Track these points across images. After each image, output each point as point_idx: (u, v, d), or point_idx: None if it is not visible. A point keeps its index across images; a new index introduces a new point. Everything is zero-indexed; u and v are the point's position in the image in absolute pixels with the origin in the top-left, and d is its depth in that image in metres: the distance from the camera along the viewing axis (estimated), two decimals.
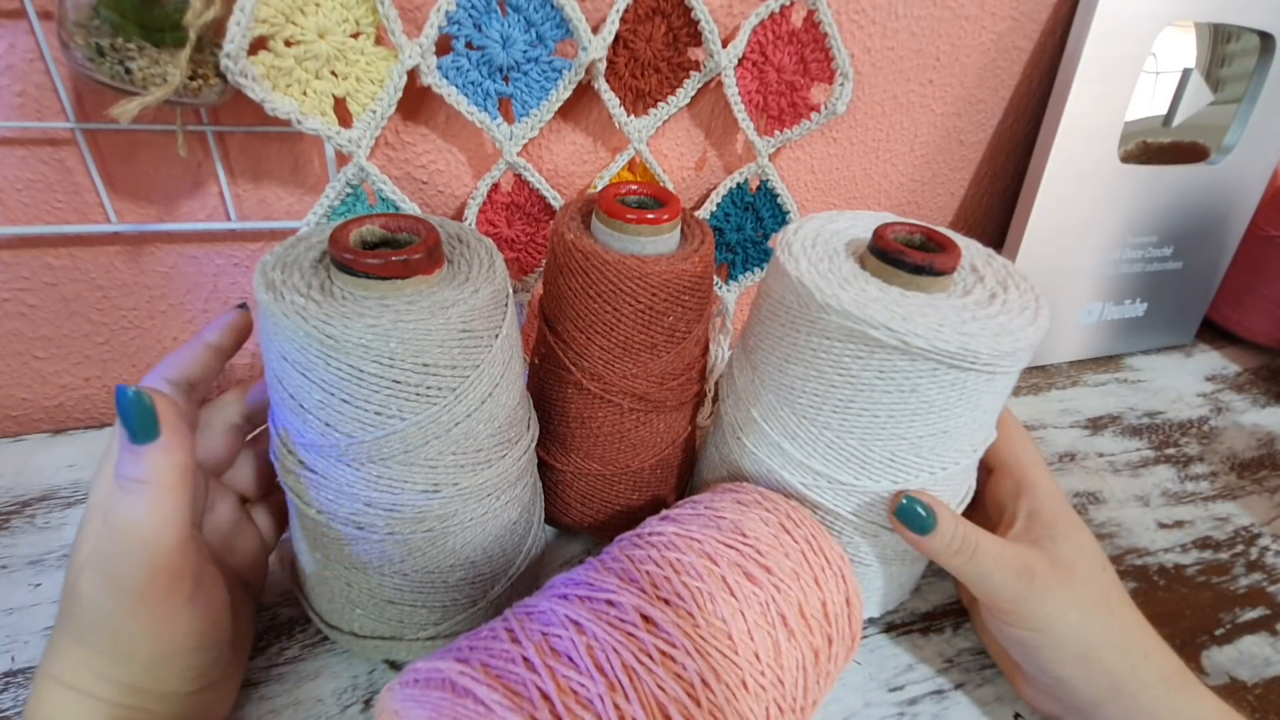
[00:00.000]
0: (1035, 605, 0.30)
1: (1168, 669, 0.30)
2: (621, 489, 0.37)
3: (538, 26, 0.38)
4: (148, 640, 0.25)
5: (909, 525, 0.30)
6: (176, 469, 0.24)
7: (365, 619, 0.31)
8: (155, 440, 0.24)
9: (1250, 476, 0.51)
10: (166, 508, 0.24)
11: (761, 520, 0.27)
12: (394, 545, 0.28)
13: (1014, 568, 0.30)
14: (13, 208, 0.38)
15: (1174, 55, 0.54)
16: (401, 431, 0.26)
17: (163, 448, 0.24)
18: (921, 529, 0.30)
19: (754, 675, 0.23)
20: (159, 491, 0.24)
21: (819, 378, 0.29)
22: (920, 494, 0.31)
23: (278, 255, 0.27)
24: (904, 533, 0.31)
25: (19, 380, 0.43)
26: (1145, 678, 0.29)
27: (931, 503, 0.30)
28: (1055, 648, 0.30)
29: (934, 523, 0.30)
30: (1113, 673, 0.29)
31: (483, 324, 0.27)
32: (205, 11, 0.30)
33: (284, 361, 0.25)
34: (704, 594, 0.24)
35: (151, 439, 0.24)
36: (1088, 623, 0.30)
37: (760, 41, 0.43)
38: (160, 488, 0.24)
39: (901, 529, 0.31)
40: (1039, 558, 0.31)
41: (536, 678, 0.21)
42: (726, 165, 0.49)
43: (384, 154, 0.42)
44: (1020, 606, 0.30)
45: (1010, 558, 0.30)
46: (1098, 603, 0.30)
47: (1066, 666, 0.30)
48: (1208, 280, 0.65)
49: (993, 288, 0.31)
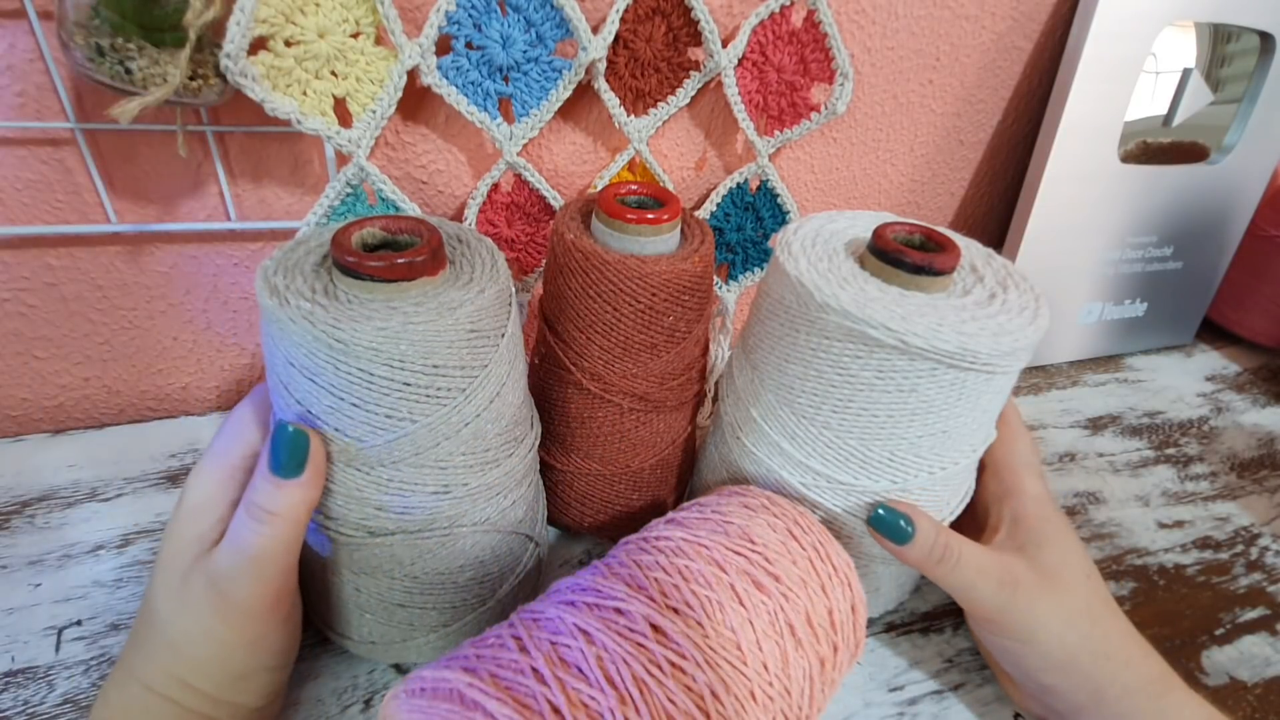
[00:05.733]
0: (1018, 615, 0.30)
1: (1150, 676, 0.30)
2: (621, 489, 0.37)
3: (538, 26, 0.38)
4: (243, 655, 0.26)
5: (886, 535, 0.30)
6: (307, 504, 0.25)
7: (374, 623, 0.30)
8: (299, 477, 0.25)
9: (1250, 476, 0.51)
10: (291, 538, 0.25)
11: (769, 526, 0.27)
12: (404, 548, 0.28)
13: (997, 578, 0.30)
14: (13, 208, 0.38)
15: (1174, 55, 0.54)
16: (412, 434, 0.26)
17: (303, 484, 0.25)
18: (899, 539, 0.30)
19: (762, 686, 0.23)
20: (289, 525, 0.25)
21: (818, 377, 0.29)
22: (898, 503, 0.30)
23: (278, 260, 0.27)
24: (882, 542, 0.30)
25: (19, 380, 0.43)
26: (1127, 686, 0.29)
27: (910, 511, 0.30)
28: (1038, 656, 0.30)
29: (913, 532, 0.29)
30: (1094, 681, 0.29)
31: (489, 324, 0.27)
32: (205, 11, 0.30)
33: (291, 367, 0.25)
34: (713, 603, 0.23)
35: (297, 476, 0.25)
36: (1069, 633, 0.30)
37: (760, 41, 0.43)
38: (291, 522, 0.25)
39: (879, 538, 0.30)
40: (1023, 567, 0.31)
41: (546, 690, 0.20)
42: (726, 165, 0.49)
43: (384, 154, 0.42)
44: (1003, 616, 0.30)
45: (993, 567, 0.30)
46: (1080, 612, 0.30)
47: (1049, 675, 0.30)
48: (1208, 280, 0.65)
49: (992, 288, 0.31)
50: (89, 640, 0.33)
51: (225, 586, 0.25)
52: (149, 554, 0.37)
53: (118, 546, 0.37)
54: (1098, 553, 0.44)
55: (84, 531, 0.38)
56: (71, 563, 0.36)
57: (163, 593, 0.26)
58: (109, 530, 0.38)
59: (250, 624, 0.26)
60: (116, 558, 0.37)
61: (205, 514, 0.26)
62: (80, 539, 0.37)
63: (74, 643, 0.33)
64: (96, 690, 0.31)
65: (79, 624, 0.33)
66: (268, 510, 0.25)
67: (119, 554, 0.37)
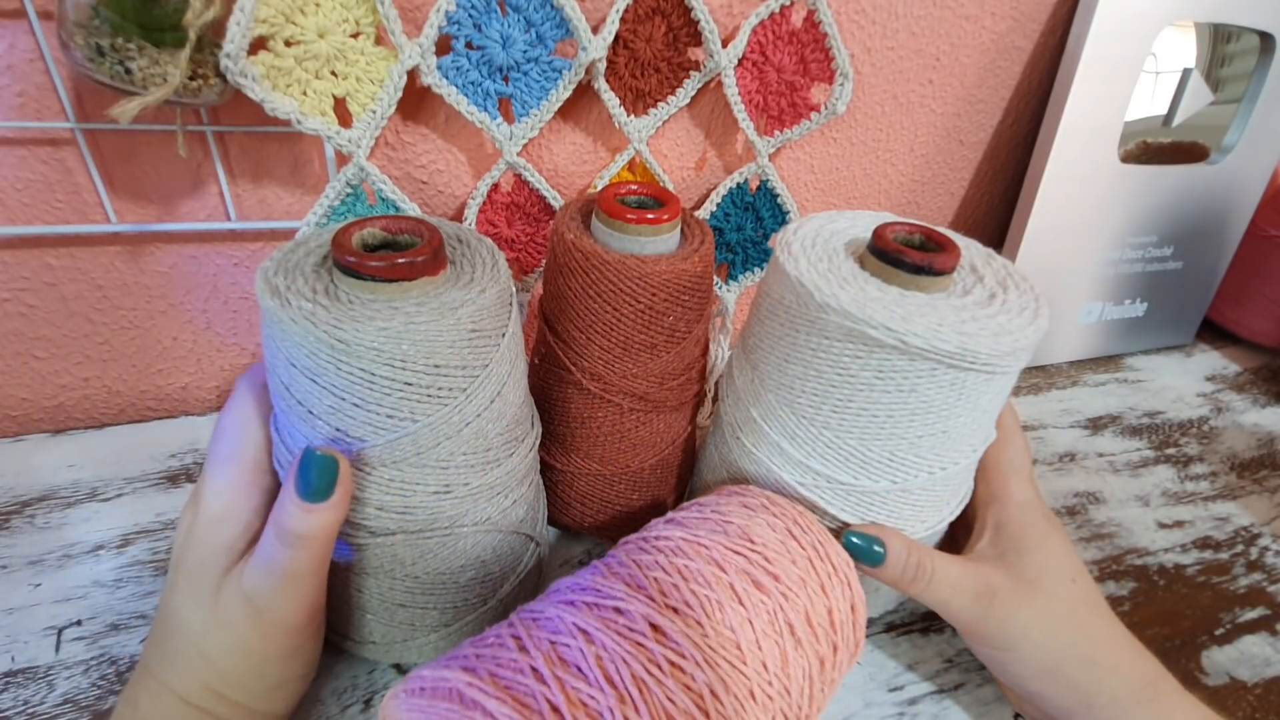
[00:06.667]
0: (997, 626, 0.30)
1: (1139, 681, 0.30)
2: (621, 489, 0.37)
3: (538, 26, 0.38)
4: (278, 667, 0.26)
5: (858, 559, 0.30)
6: (336, 525, 0.26)
7: (375, 624, 0.30)
8: (328, 501, 0.25)
9: (1250, 476, 0.51)
10: (322, 557, 0.26)
11: (769, 525, 0.27)
12: (405, 548, 0.28)
13: (971, 591, 0.30)
14: (13, 208, 0.38)
15: (1174, 55, 0.54)
16: (413, 434, 0.26)
17: (332, 507, 0.25)
18: (872, 561, 0.30)
19: (762, 686, 0.23)
20: (320, 547, 0.25)
21: (818, 377, 0.29)
22: (866, 527, 0.30)
23: (278, 261, 0.27)
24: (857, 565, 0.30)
25: (19, 380, 0.43)
26: (1114, 692, 0.29)
27: (880, 533, 0.30)
28: (1022, 664, 0.30)
29: (884, 554, 0.30)
30: (1081, 687, 0.29)
31: (491, 323, 0.27)
32: (205, 11, 0.30)
33: (292, 368, 0.25)
34: (712, 602, 0.23)
35: (325, 500, 0.25)
36: (1052, 640, 0.30)
37: (760, 41, 0.43)
38: (321, 544, 0.25)
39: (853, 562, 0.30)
40: (1001, 576, 0.31)
41: (546, 689, 0.20)
42: (726, 165, 0.49)
43: (384, 154, 0.42)
44: (982, 627, 0.30)
45: (967, 581, 0.30)
46: (1062, 620, 0.30)
47: (1034, 682, 0.30)
48: (1208, 280, 0.65)
49: (992, 288, 0.31)
50: (89, 640, 0.33)
51: (261, 604, 0.25)
52: (149, 554, 0.37)
53: (118, 546, 0.37)
54: (1098, 553, 0.44)
55: (84, 531, 0.38)
56: (71, 563, 0.36)
57: (191, 604, 0.26)
58: (109, 530, 0.38)
59: (287, 638, 0.26)
60: (116, 558, 0.37)
61: (229, 523, 0.26)
62: (80, 539, 0.37)
63: (74, 643, 0.33)
64: (97, 690, 0.31)
65: (79, 624, 0.33)
66: (298, 534, 0.25)
67: (119, 554, 0.37)
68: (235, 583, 0.26)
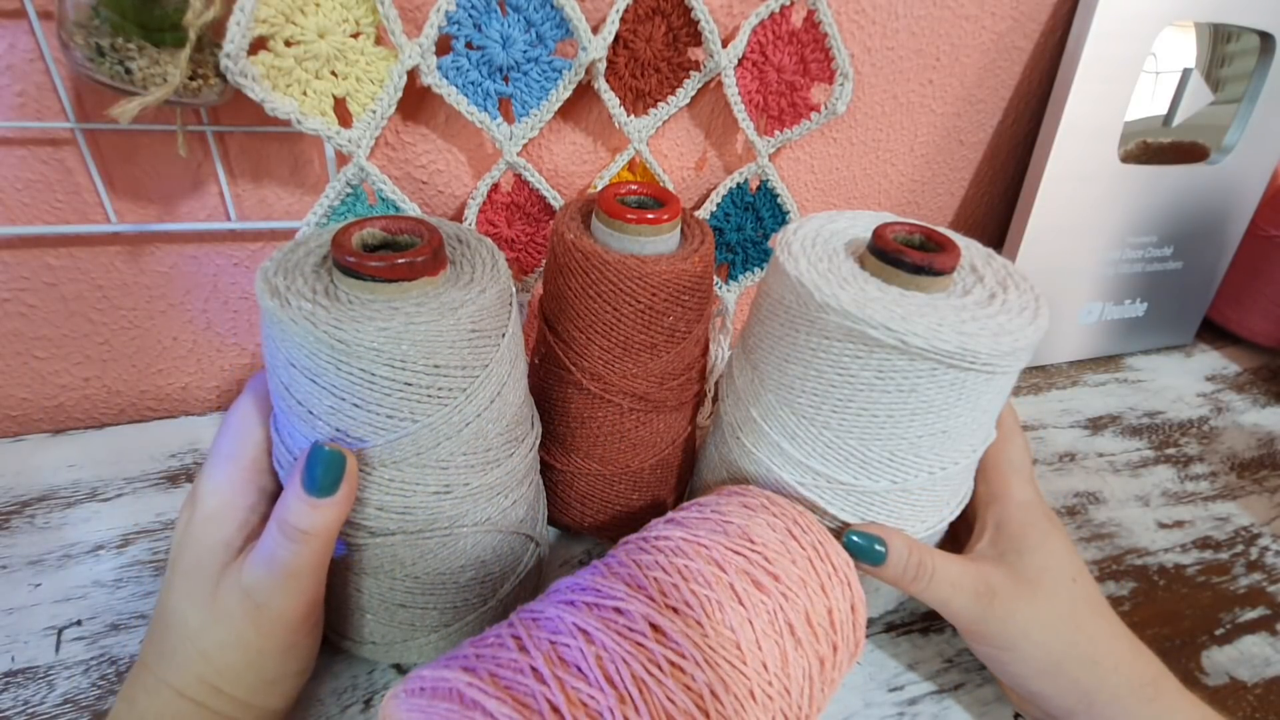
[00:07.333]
0: (997, 625, 0.30)
1: (1140, 680, 0.30)
2: (621, 489, 0.37)
3: (538, 26, 0.38)
4: (275, 662, 0.26)
5: (859, 558, 0.30)
6: (340, 521, 0.26)
7: (375, 624, 0.31)
8: (333, 496, 0.25)
9: (1250, 476, 0.51)
10: (324, 553, 0.26)
11: (769, 525, 0.27)
12: (405, 548, 0.28)
13: (972, 590, 0.30)
14: (13, 208, 0.38)
15: (1174, 55, 0.54)
16: (413, 434, 0.26)
17: (337, 503, 0.25)
18: (873, 560, 0.30)
19: (761, 685, 0.23)
20: (322, 543, 0.25)
21: (818, 377, 0.29)
22: (868, 526, 0.31)
23: (277, 261, 0.27)
24: (857, 564, 0.30)
25: (19, 380, 0.43)
26: (1116, 690, 0.29)
27: (881, 532, 0.30)
28: (1022, 664, 0.30)
29: (886, 553, 0.30)
30: (1082, 686, 0.29)
31: (491, 323, 0.27)
32: (205, 11, 0.30)
33: (292, 368, 0.25)
34: (712, 602, 0.23)
35: (331, 495, 0.25)
36: (1052, 640, 0.30)
37: (760, 41, 0.43)
38: (324, 539, 0.25)
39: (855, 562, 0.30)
40: (1001, 576, 0.31)
41: (546, 689, 0.20)
42: (726, 165, 0.49)
43: (384, 154, 0.42)
44: (981, 627, 0.30)
45: (968, 580, 0.30)
46: (1063, 619, 0.30)
47: (1034, 682, 0.30)
48: (1208, 280, 0.65)
49: (992, 288, 0.31)
50: (89, 640, 0.33)
51: (261, 599, 0.25)
52: (149, 554, 0.37)
53: (118, 546, 0.37)
54: (1098, 553, 0.44)
55: (84, 531, 0.38)
56: (71, 563, 0.36)
57: (189, 601, 0.26)
58: (109, 530, 0.38)
59: (285, 634, 0.26)
60: (116, 558, 0.37)
61: (226, 520, 0.27)
62: (80, 539, 0.37)
63: (74, 643, 0.33)
64: (97, 690, 0.31)
65: (79, 624, 0.33)
66: (301, 529, 0.25)
67: (119, 554, 0.37)
68: (233, 578, 0.26)
